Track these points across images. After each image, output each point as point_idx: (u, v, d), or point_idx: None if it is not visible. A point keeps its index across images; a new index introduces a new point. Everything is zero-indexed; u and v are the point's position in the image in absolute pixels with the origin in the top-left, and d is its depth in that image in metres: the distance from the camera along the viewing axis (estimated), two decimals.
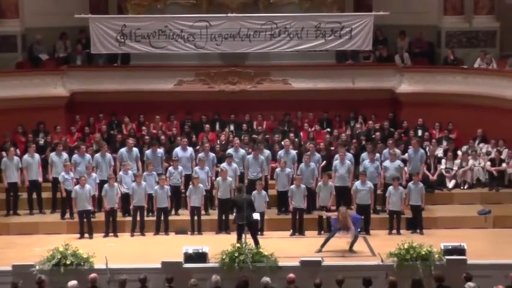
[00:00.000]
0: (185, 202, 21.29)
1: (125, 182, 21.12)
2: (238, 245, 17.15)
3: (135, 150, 22.15)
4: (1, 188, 22.11)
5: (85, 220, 20.52)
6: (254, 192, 20.45)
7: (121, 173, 21.31)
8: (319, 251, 19.08)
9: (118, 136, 23.57)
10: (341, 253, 18.97)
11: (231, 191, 20.90)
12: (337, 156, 21.80)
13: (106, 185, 20.77)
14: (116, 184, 20.82)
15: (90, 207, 20.60)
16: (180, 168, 21.57)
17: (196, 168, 21.51)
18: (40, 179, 21.83)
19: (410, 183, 21.05)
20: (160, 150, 22.25)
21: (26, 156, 21.80)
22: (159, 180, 20.91)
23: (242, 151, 22.21)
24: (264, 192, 20.74)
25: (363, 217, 20.00)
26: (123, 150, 22.12)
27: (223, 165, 21.53)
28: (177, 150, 22.24)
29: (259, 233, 19.57)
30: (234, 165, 21.61)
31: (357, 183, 20.92)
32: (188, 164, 22.00)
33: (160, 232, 20.75)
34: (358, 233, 19.48)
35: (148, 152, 22.21)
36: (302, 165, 21.58)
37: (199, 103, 24.92)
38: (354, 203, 20.83)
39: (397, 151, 22.24)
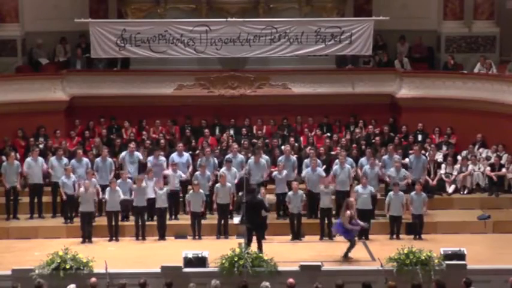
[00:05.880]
0: (184, 207, 21.31)
1: (124, 191, 21.01)
2: (238, 249, 17.07)
3: (136, 153, 22.13)
4: (1, 192, 22.11)
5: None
6: None
7: (119, 181, 21.19)
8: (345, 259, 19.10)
9: (117, 140, 23.56)
10: (337, 260, 18.94)
11: (231, 196, 20.92)
12: (337, 161, 21.80)
13: (108, 189, 20.78)
14: (118, 188, 20.79)
15: (93, 210, 20.62)
16: (178, 172, 21.56)
17: (197, 174, 21.48)
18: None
19: (412, 193, 20.89)
20: (163, 158, 22.20)
21: (29, 160, 21.78)
22: (155, 184, 20.94)
23: (240, 156, 22.19)
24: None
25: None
26: (124, 153, 22.13)
27: (223, 170, 21.51)
28: (174, 155, 22.18)
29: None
30: (234, 169, 21.60)
31: (358, 187, 20.91)
32: (184, 169, 21.95)
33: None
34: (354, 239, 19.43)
35: (150, 158, 22.16)
36: (308, 169, 21.48)
37: (199, 108, 24.93)
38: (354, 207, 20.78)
39: (396, 157, 22.21)
